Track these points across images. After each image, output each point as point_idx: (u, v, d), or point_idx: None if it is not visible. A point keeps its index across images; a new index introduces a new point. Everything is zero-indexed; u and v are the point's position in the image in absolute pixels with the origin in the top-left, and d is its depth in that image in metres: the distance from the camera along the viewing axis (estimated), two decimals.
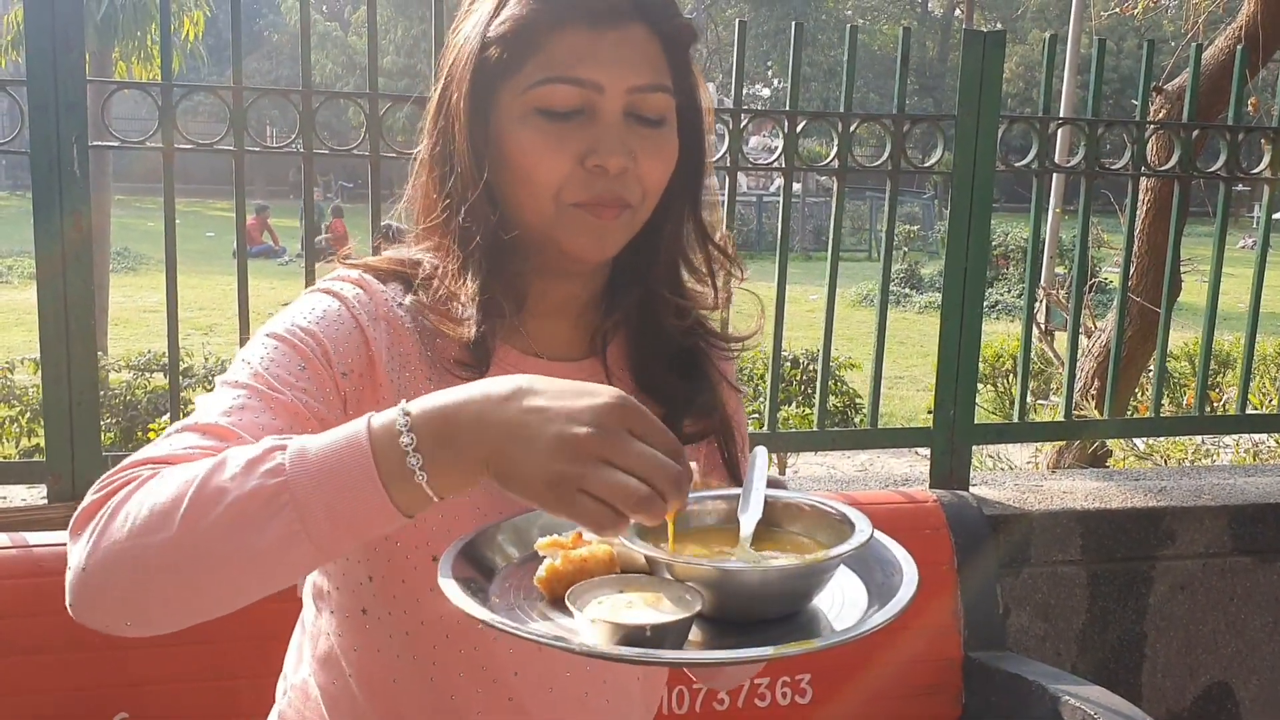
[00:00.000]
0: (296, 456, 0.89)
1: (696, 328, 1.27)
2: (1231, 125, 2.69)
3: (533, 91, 1.11)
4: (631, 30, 1.12)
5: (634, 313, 1.25)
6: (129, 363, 6.62)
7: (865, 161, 2.51)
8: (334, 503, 0.88)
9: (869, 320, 11.35)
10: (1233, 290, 2.88)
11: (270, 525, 0.88)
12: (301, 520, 0.88)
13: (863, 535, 0.97)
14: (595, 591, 0.95)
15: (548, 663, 1.18)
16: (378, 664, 1.19)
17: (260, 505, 0.88)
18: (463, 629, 1.16)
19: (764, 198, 22.45)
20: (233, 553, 0.89)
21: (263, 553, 0.89)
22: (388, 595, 1.16)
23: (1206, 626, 2.68)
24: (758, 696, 2.11)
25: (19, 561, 1.81)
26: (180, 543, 0.89)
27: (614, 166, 1.10)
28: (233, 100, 2.11)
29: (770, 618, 0.96)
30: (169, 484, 0.91)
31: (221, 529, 0.88)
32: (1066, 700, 2.01)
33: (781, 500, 1.05)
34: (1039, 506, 2.55)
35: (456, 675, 1.17)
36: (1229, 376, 7.14)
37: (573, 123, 1.11)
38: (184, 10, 10.94)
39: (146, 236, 16.70)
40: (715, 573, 0.93)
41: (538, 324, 1.22)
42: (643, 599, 0.94)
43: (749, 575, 0.93)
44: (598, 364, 1.24)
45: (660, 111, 1.14)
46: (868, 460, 6.24)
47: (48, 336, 2.03)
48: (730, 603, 0.94)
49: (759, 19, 31.68)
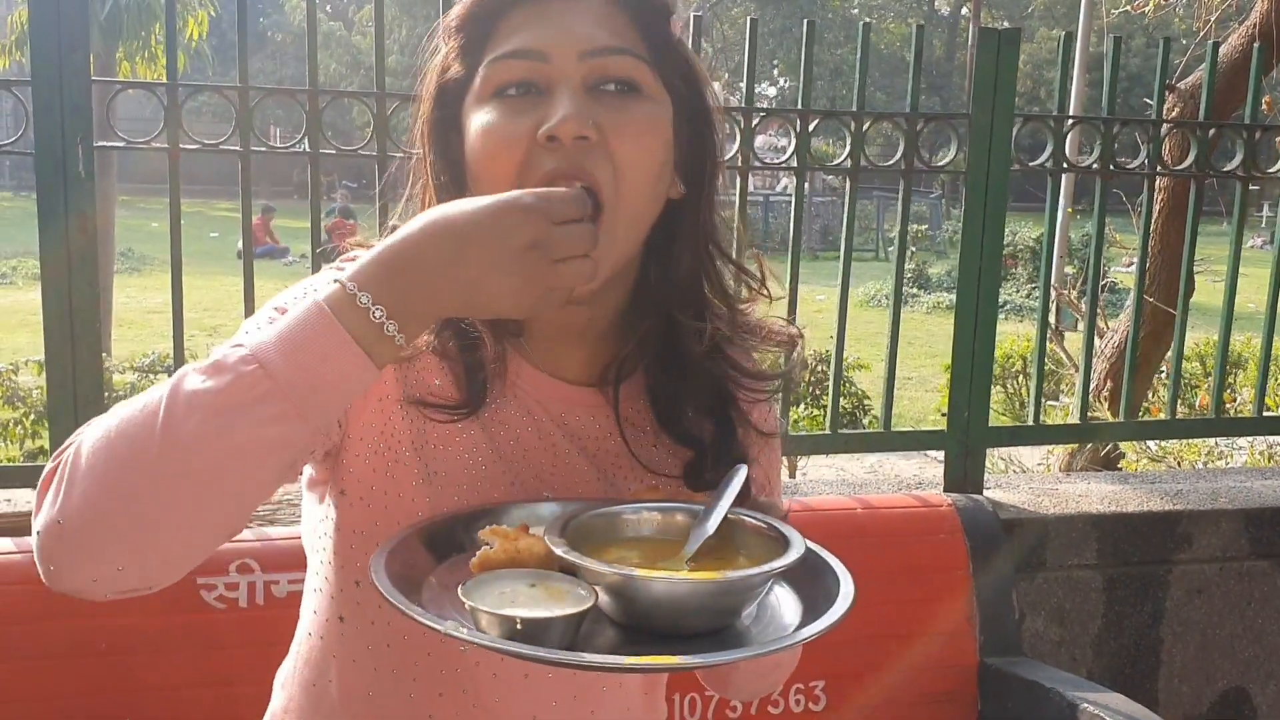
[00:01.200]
0: (259, 346, 0.88)
1: (721, 358, 1.14)
2: (1248, 124, 2.67)
3: (484, 75, 1.05)
4: (587, 1, 1.05)
5: (655, 340, 1.13)
6: (133, 364, 6.61)
7: (873, 160, 2.48)
8: (314, 372, 0.87)
9: (877, 320, 11.33)
10: (1242, 290, 2.84)
11: (256, 409, 0.86)
12: (286, 395, 0.86)
13: (786, 559, 0.93)
14: (504, 582, 0.92)
15: (534, 690, 1.13)
16: (354, 674, 1.15)
17: (241, 393, 0.86)
18: (444, 648, 1.11)
19: (770, 197, 22.40)
20: (223, 450, 0.85)
21: (254, 441, 0.86)
22: (372, 604, 1.10)
23: (1223, 631, 2.65)
24: (771, 704, 2.08)
25: (23, 566, 1.79)
26: (165, 455, 0.85)
27: (568, 133, 0.98)
28: (238, 100, 2.09)
29: (695, 631, 0.93)
30: (134, 411, 0.87)
31: (206, 429, 0.85)
32: (1084, 707, 1.98)
33: (748, 521, 1.00)
34: (1054, 510, 2.52)
35: (435, 694, 1.12)
36: (1240, 377, 7.10)
37: (527, 100, 1.03)
38: (188, 10, 10.94)
39: (150, 237, 16.70)
40: (619, 579, 0.90)
41: (546, 346, 1.13)
42: (546, 594, 0.91)
43: (654, 585, 0.90)
44: (611, 394, 1.13)
45: (628, 76, 1.03)
46: (877, 462, 6.21)
47: (52, 338, 2.01)
48: (647, 611, 0.91)
49: (765, 17, 31.71)
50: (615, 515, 1.02)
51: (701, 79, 1.11)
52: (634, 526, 1.02)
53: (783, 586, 1.01)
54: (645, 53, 1.05)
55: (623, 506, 1.03)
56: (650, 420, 1.15)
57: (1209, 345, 7.30)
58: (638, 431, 1.14)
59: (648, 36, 1.06)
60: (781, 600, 1.01)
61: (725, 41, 29.76)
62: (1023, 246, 16.44)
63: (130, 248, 16.83)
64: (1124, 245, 6.71)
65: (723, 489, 1.01)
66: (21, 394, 6.10)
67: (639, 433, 1.14)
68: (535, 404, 1.13)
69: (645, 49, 1.05)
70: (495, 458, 1.11)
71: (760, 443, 1.19)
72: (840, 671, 2.11)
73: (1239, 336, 7.58)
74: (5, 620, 1.76)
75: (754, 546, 0.99)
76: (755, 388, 1.17)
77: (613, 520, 1.02)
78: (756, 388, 1.17)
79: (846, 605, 0.94)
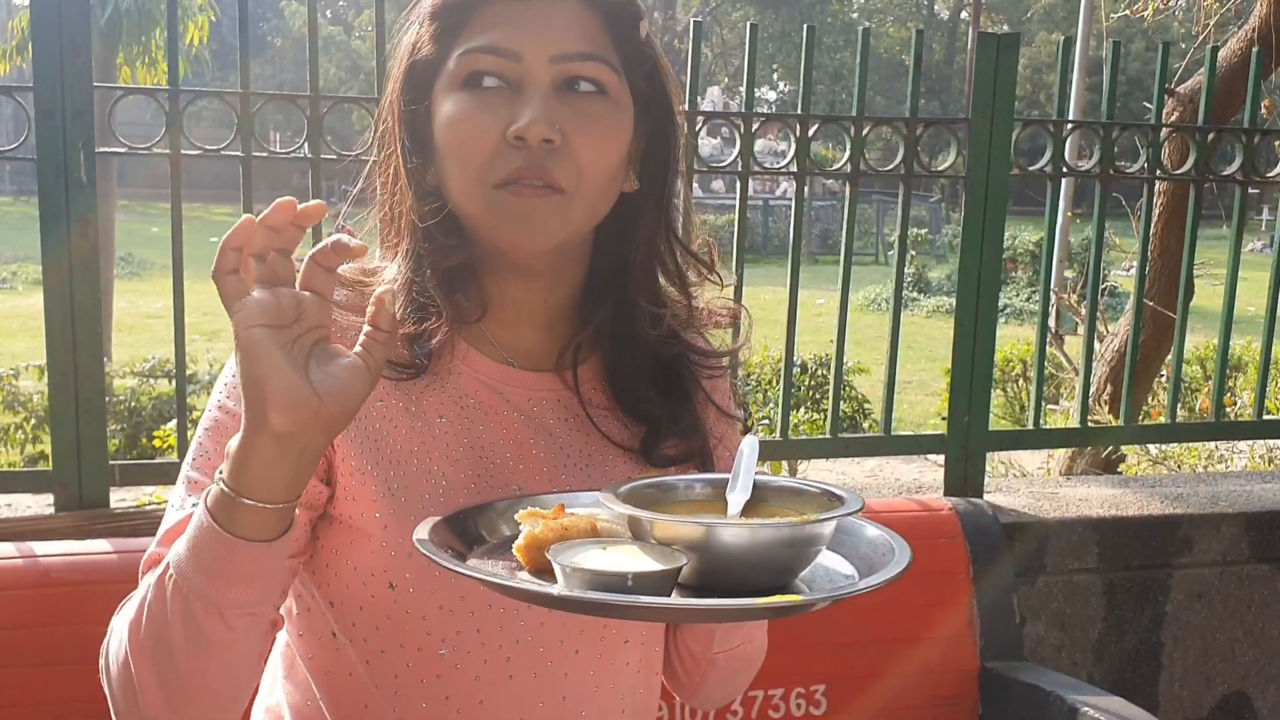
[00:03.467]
0: (174, 551, 0.98)
1: (675, 341, 1.20)
2: (1247, 128, 2.67)
3: (456, 66, 1.07)
4: (562, 2, 1.08)
5: (609, 324, 1.18)
6: (134, 369, 6.61)
7: (874, 165, 2.48)
8: (202, 560, 0.95)
9: (876, 324, 11.32)
10: (1243, 294, 2.85)
11: (175, 608, 0.97)
12: (189, 589, 0.96)
13: (855, 504, 0.94)
14: (577, 549, 0.91)
15: (521, 693, 1.13)
16: (349, 689, 1.14)
17: (162, 598, 0.98)
18: (425, 658, 1.11)
19: (770, 201, 22.40)
20: (174, 649, 0.98)
21: (186, 633, 0.97)
22: (347, 622, 1.12)
23: (1224, 635, 2.65)
24: (771, 708, 2.08)
25: (26, 572, 1.79)
26: (140, 671, 1.01)
27: (534, 135, 1.03)
28: (240, 105, 2.09)
29: (756, 588, 0.91)
30: (119, 636, 1.05)
31: (153, 637, 0.99)
32: (1085, 711, 1.98)
33: (773, 484, 1.02)
34: (1055, 514, 2.52)
35: (419, 705, 1.12)
36: (1241, 381, 7.10)
37: (497, 97, 1.06)
38: (189, 15, 10.94)
39: (150, 242, 16.70)
40: (701, 531, 0.89)
41: (504, 331, 1.17)
42: (625, 555, 0.90)
43: (737, 534, 0.90)
44: (569, 377, 1.18)
45: (595, 81, 1.07)
46: (877, 466, 6.21)
47: (54, 343, 2.01)
48: (716, 566, 0.90)
49: (764, 21, 31.73)
50: (660, 486, 1.03)
51: (667, 78, 1.15)
52: (666, 494, 1.02)
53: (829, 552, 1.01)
54: (613, 56, 1.09)
55: (658, 480, 1.04)
56: (607, 399, 1.19)
57: (1209, 349, 7.31)
58: (597, 410, 1.19)
59: (617, 39, 1.10)
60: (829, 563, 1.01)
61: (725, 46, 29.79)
62: (1023, 250, 16.45)
63: (130, 253, 16.83)
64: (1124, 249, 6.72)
65: (740, 460, 1.03)
66: (22, 399, 6.10)
67: (599, 411, 1.19)
68: (491, 390, 1.16)
69: (614, 52, 1.09)
70: (461, 451, 1.13)
71: (724, 424, 1.25)
72: (841, 675, 2.10)
73: (1239, 340, 7.58)
74: (6, 626, 1.76)
75: (798, 504, 0.99)
76: (710, 365, 1.24)
77: (658, 491, 1.02)
78: (711, 365, 1.24)
79: (908, 555, 0.95)
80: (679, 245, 1.19)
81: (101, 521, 1.99)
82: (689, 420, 1.20)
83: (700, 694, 1.35)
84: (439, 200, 1.11)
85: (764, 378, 6.48)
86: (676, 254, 1.19)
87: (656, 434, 1.18)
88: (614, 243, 1.17)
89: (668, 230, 1.18)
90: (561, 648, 1.13)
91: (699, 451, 1.21)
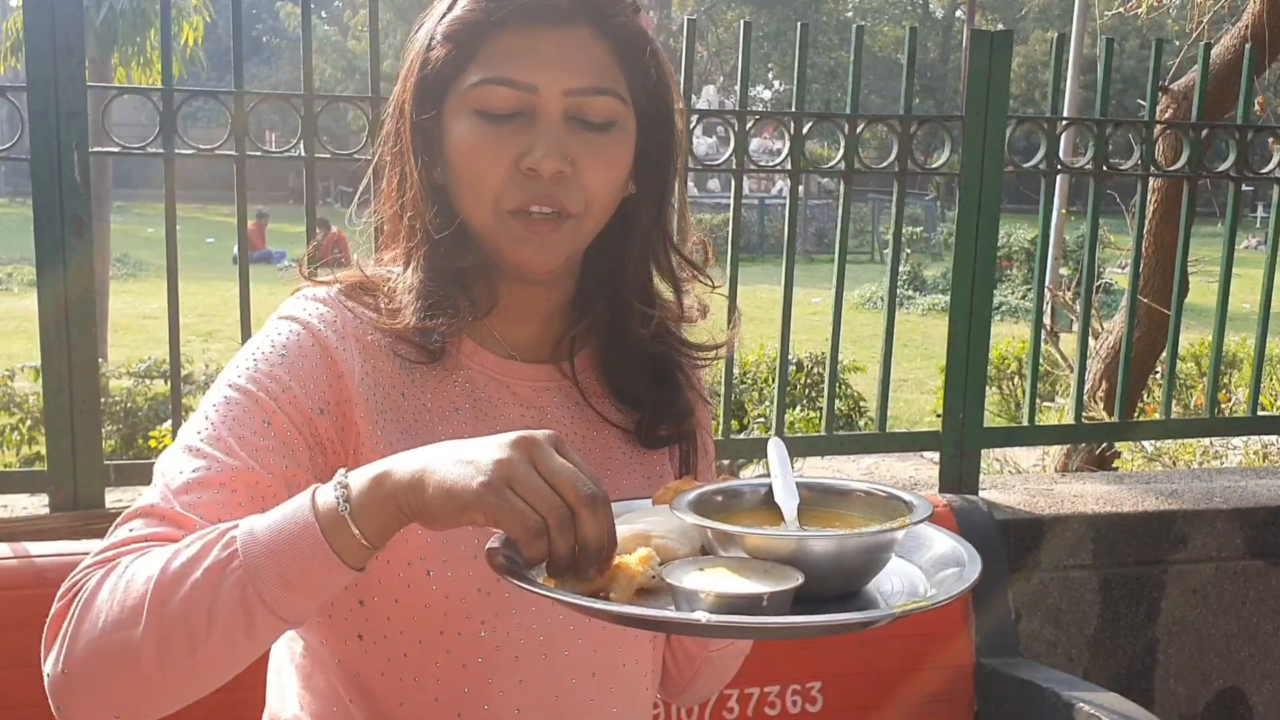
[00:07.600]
0: (247, 533, 0.93)
1: (665, 335, 1.27)
2: (1240, 125, 2.67)
3: (472, 93, 1.10)
4: (575, 31, 1.10)
5: (604, 319, 1.25)
6: (129, 370, 6.61)
7: (868, 163, 2.49)
8: (285, 565, 0.92)
9: (872, 323, 11.31)
10: (1237, 291, 2.85)
11: (229, 598, 0.92)
12: (257, 588, 0.92)
13: (927, 507, 0.94)
14: (680, 571, 0.90)
15: (556, 670, 1.16)
16: (381, 687, 1.15)
17: (217, 581, 0.92)
18: (465, 641, 1.12)
19: (765, 200, 22.41)
20: (200, 631, 0.93)
21: (227, 627, 0.93)
22: (381, 618, 1.13)
23: (1219, 631, 2.65)
24: (768, 705, 2.09)
25: (20, 572, 1.79)
26: (150, 631, 0.93)
27: (547, 169, 1.08)
28: (235, 105, 2.09)
29: (827, 595, 0.92)
30: (133, 578, 0.95)
31: (186, 610, 0.92)
32: (1081, 707, 1.98)
33: (817, 485, 1.02)
34: (1049, 511, 2.52)
35: (462, 691, 1.14)
36: (1235, 377, 7.12)
37: (511, 125, 1.10)
38: (183, 16, 10.93)
39: (145, 243, 16.70)
40: (794, 544, 0.90)
41: (506, 326, 1.22)
42: (728, 575, 0.89)
43: (826, 545, 0.90)
44: (566, 369, 1.24)
45: (605, 115, 1.12)
46: (872, 464, 6.22)
47: (49, 344, 2.01)
48: (806, 575, 0.90)
49: (759, 21, 31.73)
50: (726, 493, 1.03)
51: (670, 91, 1.19)
52: (744, 501, 1.02)
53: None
54: (622, 85, 1.13)
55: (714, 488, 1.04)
56: (604, 394, 1.25)
57: (1204, 345, 7.31)
58: (594, 396, 1.25)
59: (625, 65, 1.14)
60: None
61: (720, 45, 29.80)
62: (1017, 248, 16.47)
63: (125, 253, 16.82)
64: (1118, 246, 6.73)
65: (774, 463, 1.05)
66: (18, 400, 6.10)
67: (595, 397, 1.26)
68: (497, 383, 1.20)
69: (622, 79, 1.14)
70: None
71: (703, 408, 1.33)
72: (837, 672, 2.11)
73: (1233, 337, 7.59)
74: (2, 626, 1.75)
75: (843, 504, 1.00)
76: (699, 356, 1.31)
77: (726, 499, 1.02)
78: (700, 356, 1.31)
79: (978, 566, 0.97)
80: (673, 249, 1.25)
81: (97, 522, 1.98)
82: (681, 406, 1.27)
83: (688, 692, 1.38)
84: (451, 210, 1.15)
85: (760, 376, 6.48)
86: (671, 256, 1.25)
87: (648, 418, 1.25)
88: (610, 243, 1.21)
89: (663, 234, 1.23)
90: (591, 624, 1.16)
91: (688, 434, 1.29)
